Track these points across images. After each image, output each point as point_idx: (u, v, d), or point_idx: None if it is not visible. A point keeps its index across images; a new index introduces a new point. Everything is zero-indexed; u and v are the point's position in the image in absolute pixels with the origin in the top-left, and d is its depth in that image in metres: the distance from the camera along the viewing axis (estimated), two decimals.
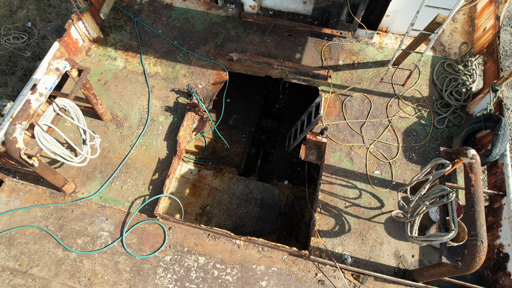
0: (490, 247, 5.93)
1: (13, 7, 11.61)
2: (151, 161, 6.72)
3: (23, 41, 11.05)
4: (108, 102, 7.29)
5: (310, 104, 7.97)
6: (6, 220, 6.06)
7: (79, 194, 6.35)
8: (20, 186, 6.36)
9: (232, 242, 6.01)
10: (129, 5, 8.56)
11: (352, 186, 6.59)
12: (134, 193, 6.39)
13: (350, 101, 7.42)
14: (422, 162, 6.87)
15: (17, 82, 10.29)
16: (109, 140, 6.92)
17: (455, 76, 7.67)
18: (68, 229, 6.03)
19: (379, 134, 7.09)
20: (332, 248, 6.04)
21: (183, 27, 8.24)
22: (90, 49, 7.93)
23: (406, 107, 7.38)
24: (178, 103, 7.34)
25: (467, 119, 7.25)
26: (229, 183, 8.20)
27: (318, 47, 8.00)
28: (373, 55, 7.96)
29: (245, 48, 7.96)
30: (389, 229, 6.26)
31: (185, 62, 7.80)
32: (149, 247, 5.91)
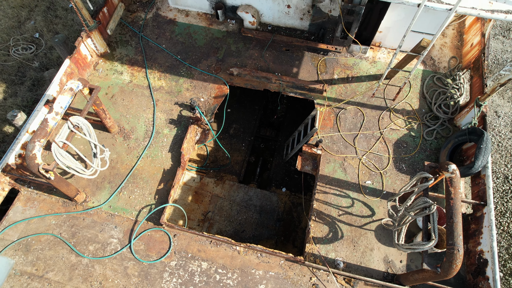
0: (472, 253, 6.43)
1: (21, 18, 12.11)
2: (156, 171, 7.22)
3: (31, 51, 11.55)
4: (115, 115, 7.80)
5: (307, 113, 8.48)
6: (22, 228, 6.58)
7: (90, 203, 6.86)
8: (35, 195, 6.87)
9: (232, 248, 6.52)
10: (134, 20, 9.05)
11: (345, 195, 7.09)
12: (141, 202, 6.90)
13: (344, 114, 7.92)
14: (411, 172, 7.37)
15: (26, 92, 10.80)
16: (117, 151, 7.42)
17: (444, 89, 8.16)
18: (80, 236, 6.54)
19: (371, 145, 7.58)
20: (326, 254, 6.54)
21: (186, 42, 8.74)
22: (97, 64, 8.44)
23: (397, 120, 7.87)
24: (182, 116, 7.84)
25: (454, 131, 7.74)
26: (229, 190, 8.70)
27: (314, 62, 8.49)
28: (367, 69, 8.45)
29: (245, 63, 8.45)
30: (379, 236, 6.76)
31: (188, 76, 8.30)
32: (155, 253, 6.42)
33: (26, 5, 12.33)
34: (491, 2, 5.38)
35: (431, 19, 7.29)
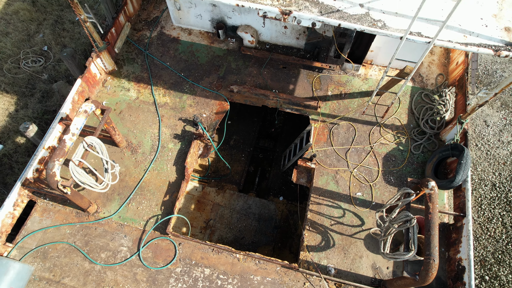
0: (453, 260, 7.07)
1: (31, 32, 12.73)
2: (162, 184, 7.86)
3: (40, 64, 12.18)
4: (123, 130, 8.43)
5: (303, 125, 9.09)
6: (40, 237, 7.22)
7: (101, 214, 7.50)
8: (50, 206, 7.52)
9: (233, 256, 7.16)
10: (140, 38, 9.67)
11: (337, 206, 7.72)
12: (148, 213, 7.54)
13: (337, 129, 8.54)
14: (399, 184, 8.00)
15: (36, 104, 11.43)
16: (125, 165, 8.06)
17: (431, 105, 8.78)
18: (92, 245, 7.18)
19: (362, 159, 8.21)
20: (319, 261, 7.18)
21: (188, 59, 9.36)
22: (106, 81, 9.06)
23: (386, 134, 8.49)
24: (185, 131, 8.47)
25: (439, 145, 8.36)
26: (230, 199, 9.34)
27: (310, 79, 9.12)
28: (359, 85, 9.07)
29: (244, 80, 9.07)
30: (368, 244, 7.40)
31: (191, 92, 8.93)
32: (162, 260, 7.07)
33: (35, 19, 12.94)
34: (465, 36, 5.99)
35: (414, 47, 7.93)
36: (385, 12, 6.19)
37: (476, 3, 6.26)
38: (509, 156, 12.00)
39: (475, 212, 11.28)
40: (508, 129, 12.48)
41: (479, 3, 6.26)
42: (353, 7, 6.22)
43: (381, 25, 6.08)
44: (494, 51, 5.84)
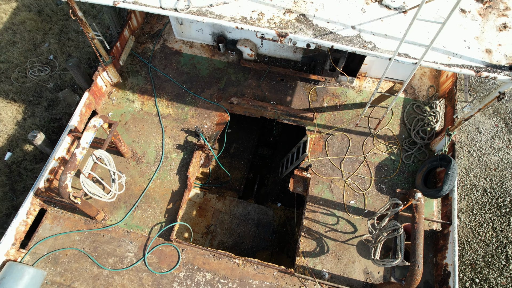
0: (440, 265, 7.55)
1: (37, 41, 13.19)
2: (166, 192, 8.34)
3: (46, 73, 12.64)
4: (128, 141, 8.90)
5: (301, 134, 9.54)
6: (51, 243, 7.71)
7: (108, 221, 7.98)
8: (60, 214, 8.00)
9: (232, 261, 7.65)
10: (144, 51, 10.14)
11: (331, 214, 8.20)
12: (153, 220, 8.03)
13: (332, 140, 9.02)
14: (390, 193, 8.48)
15: (43, 112, 11.89)
16: (131, 174, 8.54)
17: (422, 116, 9.25)
18: (100, 251, 7.67)
19: (356, 168, 8.69)
20: (313, 266, 7.67)
21: (190, 72, 9.83)
22: (111, 93, 9.53)
23: (379, 145, 8.97)
24: (188, 141, 8.95)
25: (430, 155, 8.84)
26: (230, 206, 9.82)
27: (306, 90, 9.58)
28: (353, 97, 9.54)
29: (243, 92, 9.54)
30: (360, 250, 7.88)
31: (192, 104, 9.40)
32: (166, 265, 7.55)
33: (40, 29, 13.40)
34: (449, 57, 6.45)
35: (403, 66, 8.39)
36: (375, 34, 6.66)
37: (460, 25, 6.73)
38: (500, 162, 12.46)
39: (466, 217, 11.76)
40: (500, 135, 12.93)
41: (462, 26, 6.72)
42: (346, 29, 6.68)
43: (371, 46, 6.54)
44: (475, 72, 6.30)
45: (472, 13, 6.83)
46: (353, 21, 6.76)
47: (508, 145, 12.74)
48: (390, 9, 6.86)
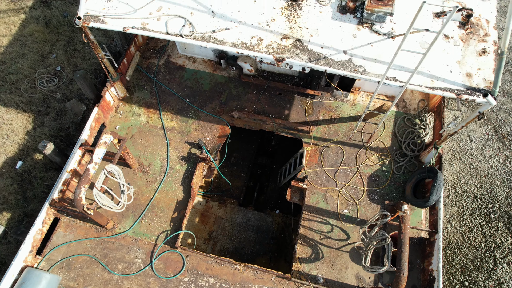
0: (426, 270, 8.18)
1: (45, 52, 13.80)
2: (171, 202, 8.97)
3: (54, 84, 13.25)
4: (135, 153, 9.53)
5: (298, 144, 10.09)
6: (64, 250, 8.35)
7: (117, 230, 8.62)
8: (73, 223, 8.64)
9: (233, 266, 8.28)
10: (149, 66, 10.76)
11: (325, 222, 8.83)
12: (159, 228, 8.66)
13: (327, 151, 9.64)
14: (382, 202, 9.10)
15: (51, 122, 12.51)
16: (138, 185, 9.17)
17: (413, 129, 9.87)
18: (110, 257, 8.31)
19: (349, 179, 9.31)
20: (309, 271, 8.30)
21: (193, 86, 10.44)
22: (118, 107, 10.16)
23: (371, 156, 9.59)
24: (191, 153, 9.57)
25: (419, 166, 9.46)
26: (231, 213, 10.45)
27: (303, 104, 10.20)
28: (348, 111, 10.16)
29: (244, 105, 10.16)
30: (352, 256, 8.51)
31: (195, 117, 10.01)
32: (172, 271, 8.19)
33: (48, 40, 14.01)
34: (433, 81, 7.07)
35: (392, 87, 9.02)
36: (365, 58, 7.28)
37: (443, 50, 7.34)
38: (489, 169, 13.08)
39: (457, 222, 12.38)
40: (490, 143, 13.55)
41: (445, 51, 7.34)
42: (338, 54, 7.30)
43: (361, 70, 7.17)
44: (456, 95, 6.93)
45: (454, 39, 7.45)
46: (345, 46, 7.38)
47: (498, 153, 13.35)
48: (379, 34, 7.47)
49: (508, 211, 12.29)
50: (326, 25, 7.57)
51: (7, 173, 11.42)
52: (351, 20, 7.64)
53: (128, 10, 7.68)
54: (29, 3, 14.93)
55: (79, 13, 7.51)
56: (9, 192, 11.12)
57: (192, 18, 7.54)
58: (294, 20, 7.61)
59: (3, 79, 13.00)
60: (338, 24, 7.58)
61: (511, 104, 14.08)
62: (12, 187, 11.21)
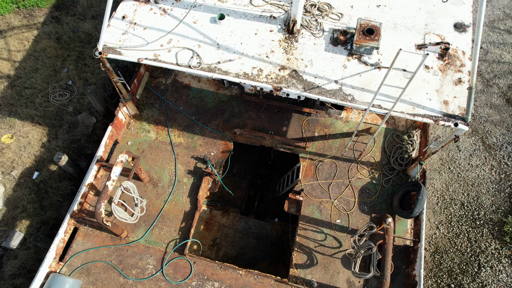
0: (410, 276, 9.19)
1: (57, 67, 14.79)
2: (179, 213, 9.98)
3: (66, 97, 14.25)
4: (145, 167, 10.53)
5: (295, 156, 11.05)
6: (83, 257, 9.36)
7: (131, 238, 9.63)
8: (90, 232, 9.65)
9: (236, 272, 9.30)
10: (157, 85, 11.75)
11: (320, 231, 9.84)
12: (168, 237, 9.67)
13: (322, 166, 10.64)
14: (371, 213, 10.10)
15: (64, 134, 13.51)
16: (148, 197, 10.18)
17: (401, 144, 10.86)
18: (125, 263, 9.33)
19: (342, 191, 10.31)
20: (304, 276, 9.32)
21: (198, 104, 11.44)
22: (130, 124, 11.16)
23: (362, 170, 10.59)
24: (197, 168, 10.58)
25: (406, 180, 10.46)
26: (233, 221, 11.46)
27: (300, 121, 11.20)
28: (341, 127, 11.15)
29: (245, 122, 11.16)
30: (344, 262, 9.53)
31: (201, 134, 11.01)
32: (181, 276, 9.21)
33: (60, 55, 14.99)
34: (414, 108, 8.05)
35: None
36: (354, 87, 8.28)
37: (423, 80, 8.33)
38: (476, 178, 14.08)
39: (445, 228, 13.40)
40: (477, 153, 14.54)
41: (425, 81, 8.33)
42: (330, 83, 8.30)
43: (350, 98, 8.16)
44: (434, 121, 7.92)
45: (434, 69, 8.44)
46: (336, 76, 8.37)
47: (484, 163, 14.36)
48: (367, 65, 8.47)
49: (492, 218, 13.29)
50: (320, 56, 8.56)
51: (25, 183, 12.44)
52: (342, 51, 8.63)
53: (142, 42, 8.67)
54: (41, 19, 15.91)
55: (99, 47, 8.50)
56: (28, 201, 12.13)
57: (199, 50, 8.53)
58: (291, 52, 8.60)
59: (19, 93, 14.00)
60: (330, 55, 8.57)
61: (497, 116, 15.05)
62: (30, 197, 12.22)
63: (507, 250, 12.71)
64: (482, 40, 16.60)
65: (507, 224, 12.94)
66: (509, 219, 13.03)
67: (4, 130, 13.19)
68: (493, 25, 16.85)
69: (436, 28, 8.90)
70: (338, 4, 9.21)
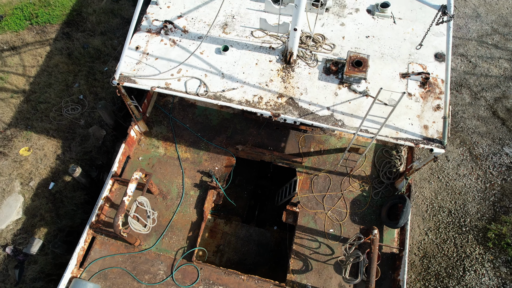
0: (395, 280, 10.35)
1: (69, 82, 15.91)
2: (186, 223, 11.14)
3: (78, 111, 15.38)
4: (155, 181, 11.68)
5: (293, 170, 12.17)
6: (101, 263, 10.52)
7: (143, 246, 10.78)
8: (106, 240, 10.81)
9: (239, 277, 10.45)
10: (165, 103, 12.88)
11: (314, 240, 10.99)
12: (177, 245, 10.83)
13: (317, 179, 11.78)
14: (361, 223, 11.24)
15: (77, 147, 14.65)
16: (159, 208, 11.33)
17: (389, 159, 11.99)
18: (138, 269, 10.48)
19: (335, 203, 11.46)
20: (300, 281, 10.47)
21: (203, 122, 12.57)
22: (140, 140, 12.29)
23: (354, 183, 11.73)
24: (202, 181, 11.72)
25: (394, 192, 11.60)
26: (235, 229, 12.61)
27: (297, 138, 12.33)
28: (335, 143, 12.29)
29: (246, 139, 12.29)
30: (336, 268, 10.68)
31: (206, 149, 12.15)
32: (189, 280, 10.37)
33: (71, 71, 16.12)
34: (397, 132, 9.17)
35: None
36: (344, 113, 9.40)
37: (406, 106, 9.45)
38: (463, 187, 15.21)
39: (434, 235, 14.55)
40: (465, 163, 15.67)
41: (408, 107, 9.45)
42: (322, 110, 9.42)
43: (341, 124, 9.29)
44: (414, 144, 9.05)
45: (416, 96, 9.56)
46: (328, 103, 9.49)
47: (471, 172, 15.50)
48: (356, 93, 9.59)
49: (477, 225, 14.45)
50: (314, 85, 9.68)
51: (42, 194, 13.60)
52: (333, 80, 9.75)
53: (154, 71, 9.79)
54: (53, 35, 17.02)
55: (116, 76, 9.62)
56: (45, 210, 13.29)
57: (206, 79, 9.66)
58: (288, 81, 9.73)
59: (34, 108, 15.14)
60: (323, 84, 9.69)
61: (484, 127, 16.17)
62: (47, 206, 13.38)
63: (490, 255, 13.86)
64: (471, 54, 17.72)
65: (490, 231, 14.09)
66: (493, 226, 14.19)
67: (22, 143, 14.33)
68: (482, 39, 17.94)
69: (418, 58, 10.01)
70: (331, 35, 10.32)
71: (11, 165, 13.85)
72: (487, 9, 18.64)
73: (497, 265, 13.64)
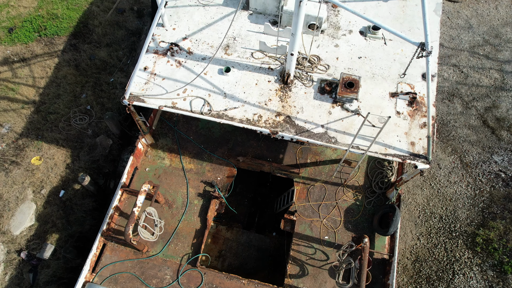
0: (385, 285, 11.25)
1: (76, 93, 16.78)
2: (191, 231, 12.03)
3: (85, 121, 16.26)
4: (161, 191, 12.57)
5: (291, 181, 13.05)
6: (111, 268, 11.43)
7: (151, 253, 11.69)
8: (116, 247, 11.71)
9: (240, 281, 11.35)
10: (170, 117, 13.76)
11: (310, 246, 11.89)
12: (183, 251, 11.73)
13: (313, 189, 12.67)
14: (354, 231, 12.14)
15: (85, 156, 15.54)
16: (165, 217, 12.23)
17: (381, 170, 12.88)
18: (147, 274, 11.39)
19: (330, 211, 12.35)
20: (297, 285, 11.38)
21: (206, 134, 13.45)
22: (147, 152, 13.18)
23: (348, 193, 12.62)
24: (206, 191, 12.62)
25: (386, 201, 12.49)
26: (236, 235, 13.50)
27: (294, 150, 13.21)
28: (330, 155, 13.17)
29: (247, 150, 13.18)
30: (330, 273, 11.59)
31: (208, 160, 13.03)
32: (193, 285, 11.27)
33: (79, 82, 16.99)
34: (386, 149, 10.04)
35: None
36: (337, 131, 10.28)
37: (395, 124, 10.32)
38: (454, 194, 16.11)
39: (425, 239, 15.45)
40: (456, 171, 16.56)
41: (397, 125, 10.32)
42: (317, 128, 10.29)
43: (334, 141, 10.16)
44: (402, 160, 9.92)
45: (404, 114, 10.43)
46: (322, 121, 10.36)
47: (461, 179, 16.39)
48: (348, 111, 10.46)
49: (466, 230, 15.35)
50: (309, 104, 10.55)
51: (53, 201, 14.50)
52: (327, 99, 10.62)
53: (161, 91, 10.66)
54: (61, 47, 17.88)
55: (126, 96, 10.49)
56: (56, 217, 14.20)
57: (209, 99, 10.53)
58: (285, 100, 10.60)
59: (44, 118, 16.03)
60: (318, 103, 10.56)
61: (474, 136, 17.04)
62: (58, 213, 14.28)
63: (478, 259, 14.76)
64: (463, 64, 18.59)
65: (479, 236, 15.00)
66: (481, 231, 15.09)
67: (33, 153, 15.22)
68: (473, 50, 18.79)
69: (407, 78, 10.88)
70: (326, 56, 11.19)
71: (23, 174, 14.74)
72: (479, 21, 19.48)
73: (484, 269, 14.53)
